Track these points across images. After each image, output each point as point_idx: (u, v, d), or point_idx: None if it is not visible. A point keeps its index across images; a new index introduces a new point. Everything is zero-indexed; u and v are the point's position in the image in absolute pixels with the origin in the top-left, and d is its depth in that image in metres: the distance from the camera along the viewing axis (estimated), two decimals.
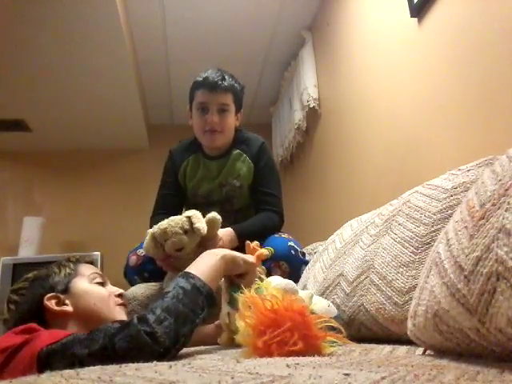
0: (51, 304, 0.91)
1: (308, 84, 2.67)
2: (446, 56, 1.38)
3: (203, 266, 0.84)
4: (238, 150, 1.67)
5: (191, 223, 1.23)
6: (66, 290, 0.94)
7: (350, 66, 2.19)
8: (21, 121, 3.15)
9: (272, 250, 1.45)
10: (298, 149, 3.09)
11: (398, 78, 1.70)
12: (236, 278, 0.96)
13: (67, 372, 0.41)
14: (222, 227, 1.59)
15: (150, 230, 1.26)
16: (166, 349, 0.67)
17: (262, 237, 1.50)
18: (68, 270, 0.99)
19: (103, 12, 2.18)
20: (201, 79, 1.61)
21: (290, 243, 1.49)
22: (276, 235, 1.56)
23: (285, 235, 1.57)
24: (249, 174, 1.65)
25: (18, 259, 2.90)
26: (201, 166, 1.68)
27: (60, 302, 0.92)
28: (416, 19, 1.54)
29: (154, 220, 1.59)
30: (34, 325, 0.80)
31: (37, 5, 2.10)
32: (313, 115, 2.72)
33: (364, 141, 2.03)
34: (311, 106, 2.63)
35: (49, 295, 0.92)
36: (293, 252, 1.46)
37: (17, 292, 0.96)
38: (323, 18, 2.57)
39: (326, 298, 1.12)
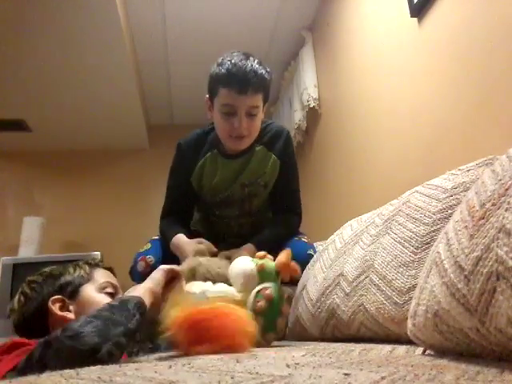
0: (55, 307, 0.92)
1: (308, 84, 2.67)
2: (445, 56, 1.38)
3: (133, 291, 0.85)
4: (261, 146, 1.50)
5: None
6: (73, 295, 0.95)
7: (350, 66, 2.19)
8: (21, 121, 3.15)
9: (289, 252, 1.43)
10: (298, 149, 3.09)
11: (397, 78, 1.70)
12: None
13: (67, 372, 0.41)
14: (239, 226, 1.58)
15: (194, 266, 1.16)
16: (94, 347, 0.63)
17: (282, 243, 1.45)
18: (82, 273, 0.99)
19: (103, 12, 2.18)
20: (226, 73, 1.31)
21: (309, 251, 1.44)
22: (296, 238, 1.50)
23: (304, 239, 1.52)
24: (275, 172, 1.51)
25: (18, 259, 2.90)
26: (219, 166, 1.50)
27: (64, 307, 0.93)
28: (416, 19, 1.54)
29: (165, 223, 1.54)
30: (19, 341, 0.80)
31: (37, 5, 2.10)
32: (313, 115, 2.72)
33: (364, 141, 2.03)
34: (311, 105, 2.63)
35: (54, 297, 0.93)
36: (309, 260, 1.42)
37: (30, 284, 0.97)
38: (323, 17, 2.57)
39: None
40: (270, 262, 1.04)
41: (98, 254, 2.87)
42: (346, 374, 0.36)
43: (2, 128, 3.21)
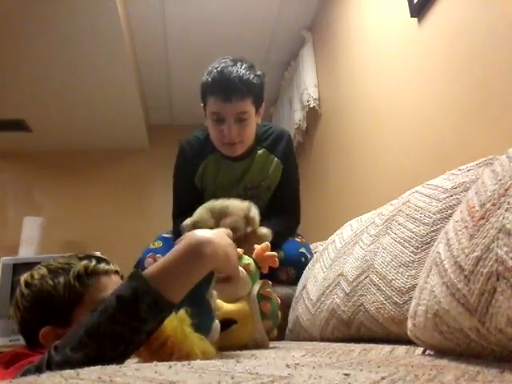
0: (45, 340, 0.83)
1: (308, 84, 2.67)
2: (446, 56, 1.38)
3: (170, 259, 0.65)
4: (263, 150, 1.50)
5: (249, 212, 1.14)
6: (64, 322, 0.84)
7: (350, 65, 2.19)
8: (21, 121, 3.15)
9: (281, 254, 1.37)
10: (298, 149, 3.09)
11: (398, 78, 1.70)
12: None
13: (67, 372, 0.41)
14: None
15: (207, 205, 1.19)
16: None
17: (281, 243, 1.44)
18: (73, 295, 0.86)
19: (103, 12, 2.18)
20: (211, 81, 1.34)
21: (301, 249, 1.43)
22: (290, 238, 1.50)
23: (298, 239, 1.52)
24: (277, 174, 1.51)
25: (18, 259, 2.89)
26: (221, 168, 1.50)
27: (56, 338, 0.80)
28: (416, 19, 1.54)
29: (180, 220, 1.55)
30: (21, 352, 0.77)
31: (37, 5, 2.10)
32: (313, 115, 2.72)
33: (364, 141, 2.03)
34: (311, 105, 2.63)
35: (44, 330, 0.83)
36: (303, 259, 1.41)
37: (22, 302, 0.88)
38: (323, 17, 2.57)
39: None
40: (251, 261, 0.96)
41: (97, 254, 2.86)
42: (345, 374, 0.36)
43: (2, 128, 3.21)
